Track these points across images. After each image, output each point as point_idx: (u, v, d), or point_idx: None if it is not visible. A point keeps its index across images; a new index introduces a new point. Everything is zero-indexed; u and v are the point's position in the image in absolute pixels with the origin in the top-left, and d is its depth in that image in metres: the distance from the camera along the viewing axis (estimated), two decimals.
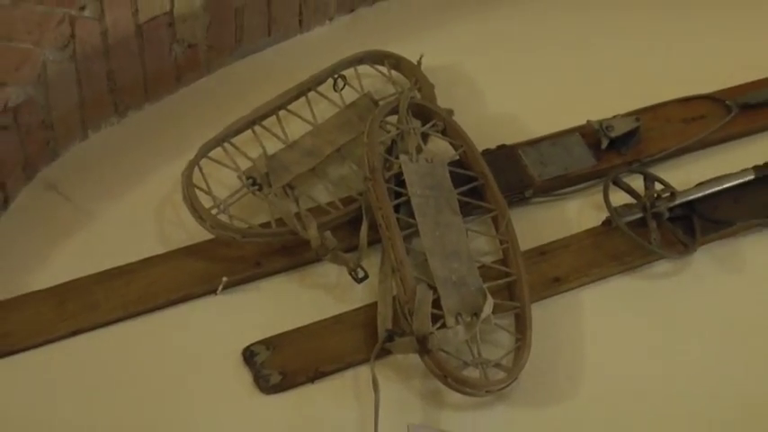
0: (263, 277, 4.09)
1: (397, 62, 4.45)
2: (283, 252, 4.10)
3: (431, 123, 4.34)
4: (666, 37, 4.78)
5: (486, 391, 3.88)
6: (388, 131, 4.27)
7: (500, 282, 4.09)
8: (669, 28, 4.82)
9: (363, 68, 4.44)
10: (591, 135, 4.48)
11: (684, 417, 3.99)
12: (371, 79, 4.44)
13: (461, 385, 3.85)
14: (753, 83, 4.68)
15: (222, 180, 4.14)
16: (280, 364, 3.91)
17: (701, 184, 4.39)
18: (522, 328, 4.02)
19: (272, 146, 4.22)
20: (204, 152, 4.12)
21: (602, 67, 4.66)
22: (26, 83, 3.82)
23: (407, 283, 3.94)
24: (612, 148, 4.46)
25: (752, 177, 4.43)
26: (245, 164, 4.16)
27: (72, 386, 3.80)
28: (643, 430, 3.95)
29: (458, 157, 4.32)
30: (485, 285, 4.02)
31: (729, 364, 4.11)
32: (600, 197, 4.31)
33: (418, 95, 4.39)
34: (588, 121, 4.48)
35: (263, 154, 4.17)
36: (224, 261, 4.06)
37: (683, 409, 4.00)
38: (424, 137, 4.32)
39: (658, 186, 4.33)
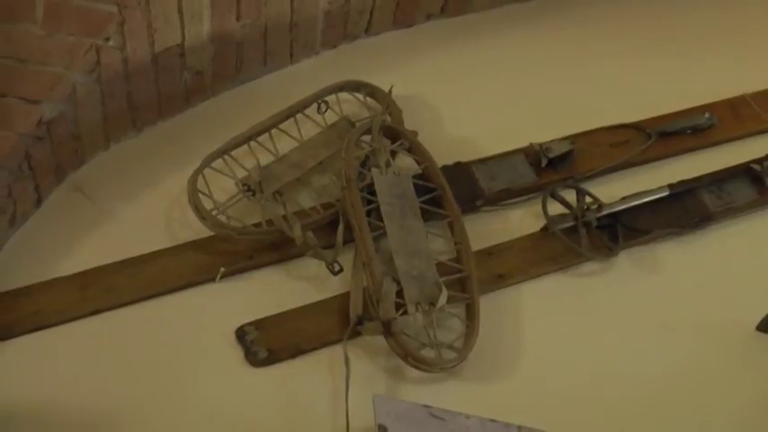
0: (254, 269, 4.09)
1: (371, 90, 4.44)
2: (272, 248, 4.09)
3: (398, 142, 4.34)
4: (597, 73, 4.78)
5: (440, 369, 3.90)
6: (363, 148, 4.27)
7: (453, 277, 4.09)
8: (600, 66, 4.82)
9: (343, 95, 4.43)
10: (532, 155, 4.48)
11: (604, 392, 4.01)
12: (349, 104, 4.43)
13: (419, 363, 3.87)
14: (669, 114, 4.69)
15: (222, 186, 4.12)
16: (267, 343, 3.91)
17: (624, 198, 4.39)
18: (471, 316, 4.02)
19: (265, 158, 4.21)
20: (207, 163, 4.11)
21: (543, 98, 4.65)
22: (58, 101, 3.81)
23: (375, 276, 3.95)
24: (550, 166, 4.46)
25: (667, 193, 4.43)
26: (241, 173, 4.16)
27: (91, 357, 3.80)
28: (570, 403, 3.96)
29: (420, 172, 4.32)
30: (441, 279, 4.03)
31: (643, 349, 4.13)
32: (539, 208, 4.31)
33: (388, 119, 4.38)
34: (530, 144, 4.48)
35: (256, 165, 4.16)
36: (222, 254, 4.06)
37: (603, 385, 4.02)
38: (393, 154, 4.30)
39: (588, 199, 4.33)
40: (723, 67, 4.84)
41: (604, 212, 4.35)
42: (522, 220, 4.38)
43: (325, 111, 4.37)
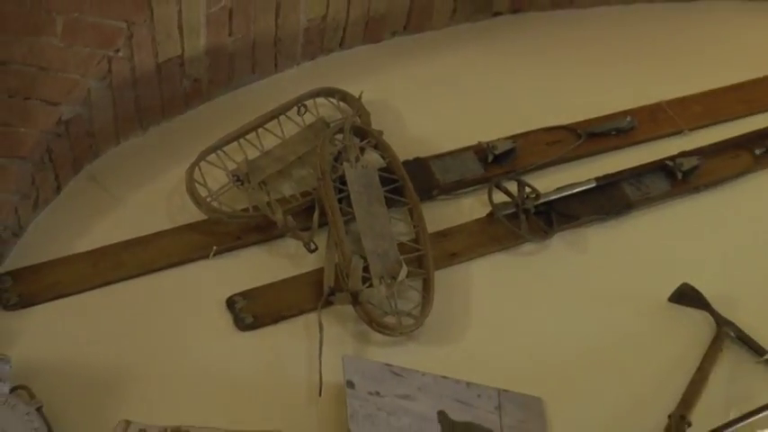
0: (242, 247, 4.07)
1: (343, 96, 4.44)
2: (257, 230, 4.08)
3: (366, 140, 4.33)
4: (536, 82, 4.77)
5: (400, 333, 3.90)
6: (336, 145, 4.26)
7: (412, 255, 4.09)
8: (538, 76, 4.81)
9: (320, 100, 4.42)
10: (481, 152, 4.47)
11: (541, 354, 4.02)
12: (325, 108, 4.42)
13: (382, 328, 3.88)
14: (596, 118, 4.69)
15: (215, 177, 4.11)
16: (252, 310, 3.91)
17: (557, 189, 4.39)
18: (427, 288, 4.03)
19: (252, 153, 4.20)
20: (203, 157, 4.10)
21: (490, 103, 4.65)
22: (75, 103, 3.80)
23: (345, 254, 3.96)
24: (495, 161, 4.45)
25: (594, 185, 4.44)
26: (231, 166, 4.15)
27: (102, 323, 3.80)
28: (511, 363, 3.97)
29: (385, 165, 4.32)
30: (401, 257, 4.03)
31: (574, 318, 4.14)
32: (486, 197, 4.31)
33: (358, 120, 4.37)
34: (479, 142, 4.48)
35: (245, 159, 4.15)
36: (214, 235, 4.05)
37: (540, 348, 4.03)
38: (362, 150, 4.30)
39: (527, 190, 4.33)
40: (643, 78, 4.84)
41: (541, 201, 4.34)
42: (471, 207, 4.37)
43: (304, 113, 4.35)
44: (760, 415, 3.87)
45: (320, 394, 3.73)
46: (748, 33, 5.07)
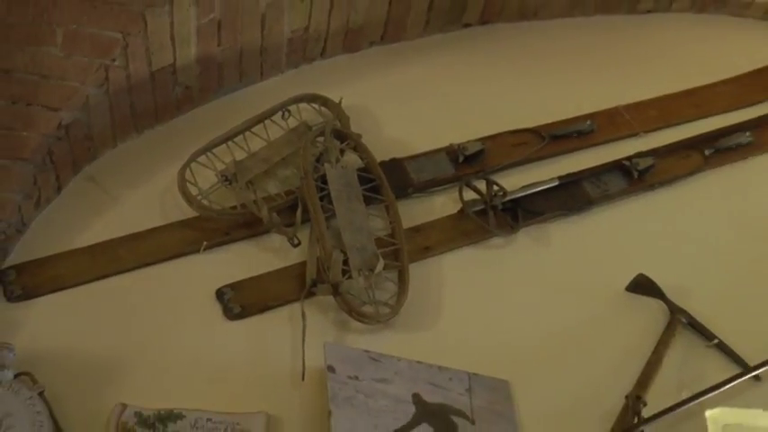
0: (230, 242, 4.07)
1: (325, 101, 4.43)
2: (245, 226, 4.07)
3: (346, 142, 4.33)
4: (504, 88, 4.77)
5: (377, 321, 3.91)
6: (318, 147, 4.26)
7: (388, 249, 4.08)
8: (506, 82, 4.82)
9: (302, 105, 4.41)
10: (452, 153, 4.47)
11: (508, 340, 4.02)
12: (307, 112, 4.41)
13: (361, 317, 3.88)
14: (559, 121, 4.69)
15: (205, 177, 4.11)
16: (240, 301, 3.90)
17: (523, 187, 4.39)
18: (402, 280, 4.03)
19: (240, 155, 4.20)
20: (193, 158, 4.10)
21: (460, 108, 4.65)
22: (74, 109, 3.79)
23: (327, 248, 3.95)
24: (466, 162, 4.45)
25: (557, 183, 4.44)
26: (220, 166, 4.14)
27: (100, 312, 3.80)
28: (481, 349, 3.97)
29: (363, 166, 4.31)
30: (378, 251, 4.03)
31: (538, 306, 4.15)
32: (457, 194, 4.31)
33: (338, 124, 4.37)
34: (450, 144, 4.48)
35: (233, 160, 4.15)
36: (205, 231, 4.04)
37: (507, 335, 4.04)
38: (341, 151, 4.30)
39: (495, 188, 4.33)
40: (602, 85, 4.84)
41: (508, 198, 4.34)
42: (443, 205, 4.37)
43: (288, 117, 4.35)
44: (709, 395, 3.90)
45: (303, 378, 3.73)
46: (699, 43, 5.08)
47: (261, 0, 4.17)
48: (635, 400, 3.88)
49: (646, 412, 3.84)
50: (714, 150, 4.70)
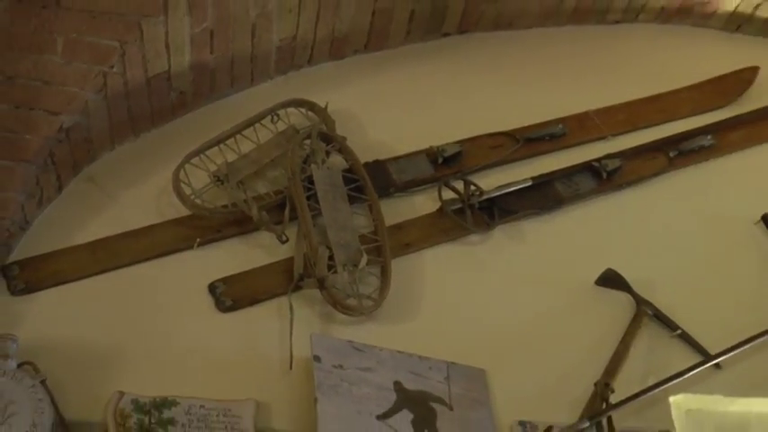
0: (222, 239, 4.06)
1: (311, 106, 4.42)
2: (236, 223, 4.07)
3: (331, 145, 4.32)
4: (481, 94, 4.75)
5: (361, 314, 3.91)
6: (305, 149, 4.25)
7: (371, 245, 4.09)
8: (483, 88, 4.79)
9: (290, 110, 4.40)
10: (432, 154, 4.46)
11: (484, 330, 4.06)
12: (295, 116, 4.40)
13: (345, 309, 3.89)
14: (532, 125, 4.68)
15: (198, 177, 4.09)
16: (231, 294, 3.91)
17: (499, 187, 4.39)
18: (384, 274, 4.04)
19: (231, 156, 4.18)
20: (187, 159, 4.08)
21: (440, 112, 4.64)
22: (74, 113, 3.77)
23: (313, 245, 3.96)
24: (445, 163, 4.44)
25: (530, 183, 4.44)
26: (213, 167, 4.13)
27: (98, 305, 3.80)
28: (459, 339, 3.98)
29: (348, 167, 4.31)
30: (362, 247, 4.04)
31: (513, 298, 4.17)
32: (436, 194, 4.32)
33: (324, 127, 4.36)
34: (430, 146, 4.47)
35: (224, 161, 4.14)
36: (198, 228, 4.03)
37: (484, 326, 4.06)
38: (327, 153, 4.29)
39: (472, 188, 4.34)
40: (573, 90, 4.84)
41: (484, 197, 4.34)
42: (423, 203, 4.36)
43: (277, 121, 4.33)
44: (673, 382, 3.93)
45: (291, 367, 3.74)
46: (663, 52, 5.08)
47: (251, 10, 4.16)
48: (603, 386, 3.90)
49: (613, 398, 3.86)
50: (678, 152, 4.71)
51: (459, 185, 4.34)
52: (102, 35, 3.76)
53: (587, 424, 3.74)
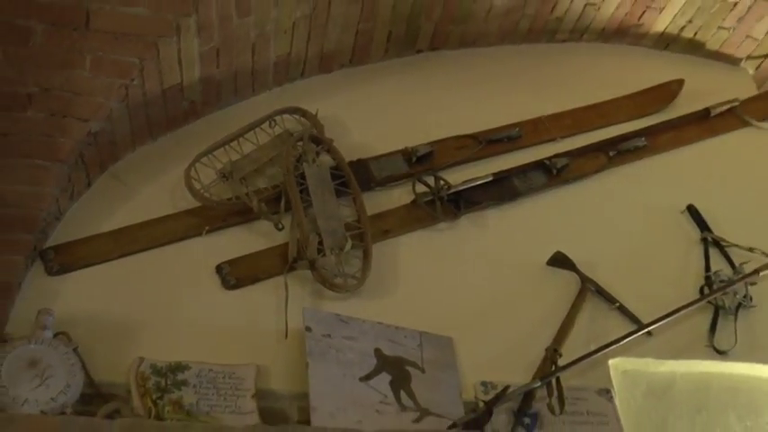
0: (227, 227, 4.05)
1: (304, 113, 4.40)
2: (239, 214, 4.06)
3: (321, 146, 4.31)
4: (448, 101, 4.72)
5: (346, 291, 3.94)
6: (298, 150, 4.24)
7: (355, 232, 4.09)
8: (451, 97, 4.75)
9: (286, 116, 4.38)
10: (407, 154, 4.44)
11: (452, 306, 4.07)
12: (289, 122, 4.38)
13: (333, 287, 3.92)
14: (493, 128, 4.65)
15: (207, 174, 4.08)
16: (235, 274, 3.92)
17: (464, 182, 4.39)
18: (366, 257, 4.05)
19: (235, 156, 4.17)
20: (198, 158, 4.08)
21: (414, 117, 4.60)
22: (101, 120, 3.76)
23: (305, 232, 3.98)
24: (418, 162, 4.43)
25: (491, 179, 4.44)
26: (219, 165, 4.12)
27: (121, 284, 3.81)
28: (430, 313, 4.00)
29: (335, 165, 4.30)
30: (347, 233, 4.05)
31: (477, 278, 4.19)
32: (410, 188, 4.32)
33: (315, 131, 4.34)
34: (405, 147, 4.46)
35: (229, 160, 4.13)
36: (206, 218, 4.02)
37: (452, 302, 4.08)
38: (317, 153, 4.27)
39: (442, 182, 4.34)
40: (528, 99, 4.80)
41: (452, 191, 4.34)
42: (399, 196, 4.36)
43: (274, 126, 4.31)
44: (612, 347, 3.97)
45: (286, 337, 3.76)
46: (604, 66, 5.07)
47: (251, 31, 4.15)
48: (553, 352, 3.95)
49: (561, 362, 3.91)
50: (616, 152, 4.73)
51: (431, 180, 4.35)
52: (124, 53, 3.75)
53: (539, 383, 3.78)
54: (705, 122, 4.98)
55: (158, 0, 3.78)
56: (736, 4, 4.97)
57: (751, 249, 4.44)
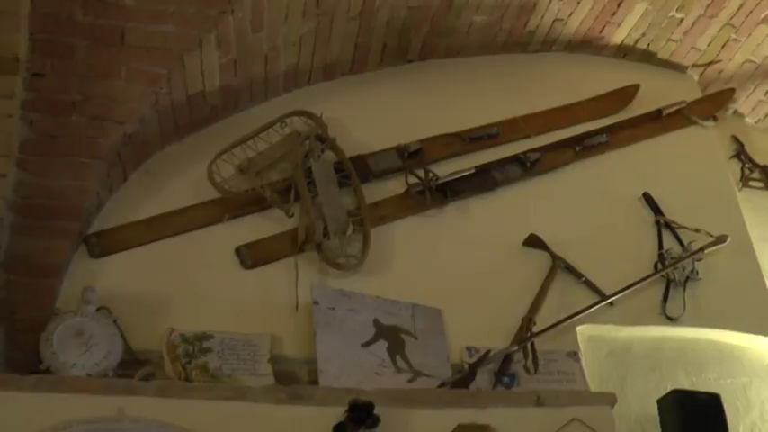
0: (245, 215, 4.03)
1: (310, 115, 4.37)
2: (254, 203, 4.05)
3: (325, 144, 4.29)
4: (436, 103, 4.70)
5: (348, 269, 3.96)
6: (305, 147, 4.22)
7: (355, 218, 4.09)
8: (439, 99, 4.73)
9: (294, 118, 4.35)
10: (400, 150, 4.41)
11: (441, 280, 4.06)
12: (298, 123, 4.34)
13: (337, 266, 3.93)
14: (474, 128, 4.63)
15: (226, 169, 4.08)
16: (253, 255, 3.92)
17: (450, 174, 4.37)
18: (365, 240, 4.05)
19: (251, 153, 4.17)
20: (218, 156, 4.07)
21: (406, 119, 4.57)
22: (135, 123, 3.77)
23: (311, 218, 3.99)
24: (410, 157, 4.41)
25: (473, 171, 4.43)
26: (237, 161, 4.12)
27: (153, 265, 3.82)
28: (420, 288, 4.00)
29: (338, 160, 4.29)
30: (349, 219, 4.05)
31: (462, 255, 4.17)
32: (404, 179, 4.31)
33: (320, 131, 4.33)
34: (399, 144, 4.44)
35: (246, 157, 4.13)
36: (226, 207, 4.01)
37: (440, 276, 4.07)
38: (322, 150, 4.26)
39: (431, 175, 4.33)
40: (504, 103, 4.76)
41: (439, 182, 4.33)
42: (394, 187, 4.33)
43: (284, 127, 4.29)
44: (579, 316, 4.02)
45: (297, 309, 3.78)
46: (570, 73, 5.04)
47: (264, 45, 4.15)
48: (528, 320, 3.97)
49: (535, 329, 3.93)
50: (581, 147, 4.71)
51: (421, 173, 4.34)
52: (154, 65, 3.75)
53: (516, 348, 3.82)
54: (657, 122, 4.98)
55: (183, 19, 3.78)
56: (682, 19, 4.99)
57: (697, 230, 4.47)
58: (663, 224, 4.53)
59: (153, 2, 3.76)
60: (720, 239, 4.39)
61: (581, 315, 4.00)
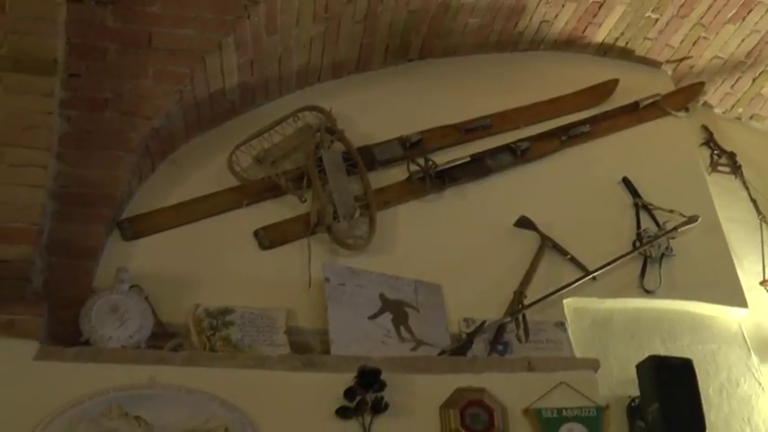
0: (262, 201, 4.03)
1: (320, 110, 4.37)
2: (270, 190, 4.05)
3: (334, 135, 4.29)
4: (437, 98, 4.68)
5: (356, 249, 3.95)
6: (316, 139, 4.22)
7: (362, 203, 4.09)
8: (439, 94, 4.71)
9: (306, 113, 4.35)
10: (403, 141, 4.40)
11: (438, 259, 4.03)
12: (309, 117, 4.35)
13: (346, 246, 3.93)
14: (469, 120, 4.61)
15: (245, 159, 4.09)
16: (270, 237, 3.92)
17: (448, 162, 4.36)
18: (372, 222, 4.05)
19: (267, 144, 4.17)
20: (237, 147, 4.08)
21: (407, 112, 4.56)
22: (161, 117, 3.77)
23: (323, 203, 3.98)
24: (411, 147, 4.40)
25: (469, 159, 4.42)
26: (254, 152, 4.12)
27: (179, 245, 3.81)
28: (422, 265, 3.99)
29: (346, 150, 4.27)
30: (357, 204, 4.04)
31: (458, 235, 4.16)
32: (405, 167, 4.29)
33: (329, 124, 4.32)
34: (401, 135, 4.43)
35: (262, 148, 4.14)
36: (245, 194, 4.01)
37: (437, 255, 4.04)
38: (331, 141, 4.26)
39: (430, 163, 4.32)
40: (497, 96, 4.75)
41: (438, 169, 4.32)
42: (397, 174, 4.32)
43: (297, 120, 4.29)
44: (565, 289, 4.02)
45: (310, 286, 3.78)
46: (556, 70, 5.02)
47: (278, 47, 4.14)
48: (519, 294, 3.98)
49: (526, 301, 3.94)
50: (567, 137, 4.70)
51: (421, 161, 4.33)
52: (179, 65, 3.76)
53: (509, 319, 3.83)
54: (635, 113, 4.96)
55: (204, 24, 3.79)
56: (657, 20, 4.98)
57: (671, 211, 4.46)
58: (640, 206, 4.53)
59: (177, 8, 3.77)
60: (692, 219, 4.39)
61: (567, 289, 4.01)
